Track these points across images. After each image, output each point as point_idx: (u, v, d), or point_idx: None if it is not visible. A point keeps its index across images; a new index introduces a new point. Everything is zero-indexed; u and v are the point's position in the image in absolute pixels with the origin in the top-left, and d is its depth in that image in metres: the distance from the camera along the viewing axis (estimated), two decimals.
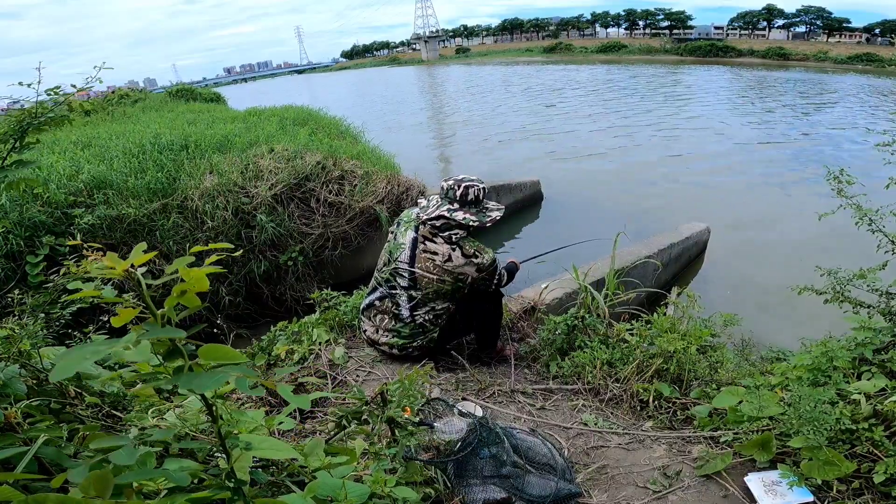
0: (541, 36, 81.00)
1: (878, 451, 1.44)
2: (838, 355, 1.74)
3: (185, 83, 16.26)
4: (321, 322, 2.71)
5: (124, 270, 0.60)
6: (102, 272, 0.60)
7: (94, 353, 0.53)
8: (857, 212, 2.02)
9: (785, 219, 6.83)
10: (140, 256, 0.63)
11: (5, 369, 1.02)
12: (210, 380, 0.60)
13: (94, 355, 0.53)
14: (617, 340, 2.36)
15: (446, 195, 2.36)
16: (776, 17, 54.90)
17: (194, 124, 7.05)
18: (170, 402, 1.17)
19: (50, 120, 1.15)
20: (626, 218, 6.58)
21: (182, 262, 0.62)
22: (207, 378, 0.60)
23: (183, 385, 0.60)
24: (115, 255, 0.62)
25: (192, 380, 0.60)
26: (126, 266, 0.61)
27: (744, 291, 4.98)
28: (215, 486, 0.73)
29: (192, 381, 0.60)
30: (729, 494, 1.56)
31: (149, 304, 0.62)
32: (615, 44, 60.01)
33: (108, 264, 0.61)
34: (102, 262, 0.61)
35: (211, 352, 0.63)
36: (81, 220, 4.03)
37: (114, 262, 0.61)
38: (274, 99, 13.06)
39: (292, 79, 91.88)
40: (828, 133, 12.23)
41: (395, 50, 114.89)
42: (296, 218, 5.01)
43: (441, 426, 1.54)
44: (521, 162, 10.55)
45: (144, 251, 0.64)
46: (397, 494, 1.06)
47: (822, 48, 43.82)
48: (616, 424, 2.00)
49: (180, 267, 0.61)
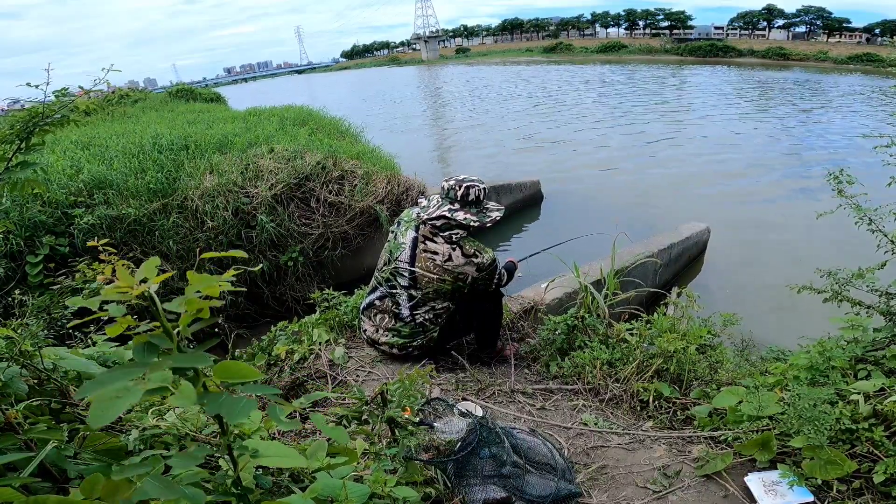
0: (541, 36, 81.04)
1: (878, 451, 1.44)
2: (835, 355, 1.74)
3: (185, 83, 16.25)
4: (321, 322, 2.71)
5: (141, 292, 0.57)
6: (117, 295, 0.56)
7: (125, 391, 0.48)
8: (857, 211, 2.02)
9: (785, 218, 6.83)
10: (153, 274, 0.59)
11: (6, 369, 1.02)
12: (238, 406, 0.57)
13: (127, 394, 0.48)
14: (617, 340, 2.36)
15: (447, 195, 2.36)
16: (776, 17, 54.94)
17: (194, 124, 7.06)
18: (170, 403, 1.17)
19: (56, 121, 1.15)
20: (627, 218, 6.60)
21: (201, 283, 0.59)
22: (235, 404, 0.57)
23: (210, 410, 0.57)
24: (128, 273, 0.58)
25: (219, 405, 0.57)
26: (144, 289, 0.57)
27: (743, 291, 4.98)
28: (220, 491, 0.73)
29: (220, 407, 0.57)
30: (729, 494, 1.56)
31: (165, 326, 0.59)
32: (615, 44, 60.02)
33: (124, 286, 0.57)
34: (116, 283, 0.57)
35: (226, 370, 0.60)
36: (81, 220, 4.03)
37: (128, 281, 0.57)
38: (274, 99, 13.06)
39: (292, 79, 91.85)
40: (828, 133, 12.23)
41: (395, 50, 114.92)
42: (296, 218, 5.01)
43: (441, 426, 1.54)
44: (522, 162, 10.55)
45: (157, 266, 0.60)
46: (397, 494, 1.07)
47: (822, 48, 43.84)
48: (616, 424, 2.00)
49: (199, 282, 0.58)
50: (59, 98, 1.18)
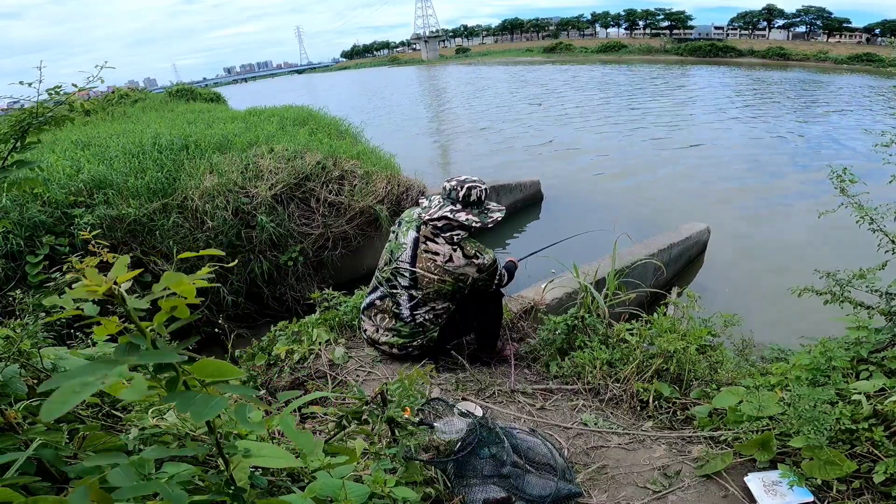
0: (541, 36, 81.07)
1: (878, 451, 1.44)
2: (836, 355, 1.74)
3: (185, 83, 16.24)
4: (321, 322, 2.71)
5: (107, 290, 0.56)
6: (83, 294, 0.56)
7: (84, 385, 0.48)
8: (858, 211, 2.02)
9: (785, 218, 6.83)
10: (123, 272, 0.58)
11: (5, 369, 1.02)
12: (208, 405, 0.56)
13: (84, 388, 0.48)
14: (617, 340, 2.36)
15: (448, 196, 2.36)
16: (776, 17, 54.94)
17: (194, 124, 7.05)
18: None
19: (51, 120, 1.15)
20: (627, 218, 6.60)
21: (171, 280, 0.58)
22: (205, 402, 0.57)
23: (181, 408, 0.57)
24: (96, 272, 0.57)
25: (189, 403, 0.57)
26: (108, 286, 0.56)
27: (744, 291, 4.98)
28: (214, 490, 0.73)
29: (190, 405, 0.57)
30: (729, 494, 1.56)
31: (137, 324, 0.58)
32: (615, 44, 60.05)
33: (90, 284, 0.56)
34: (83, 282, 0.56)
35: (204, 368, 0.59)
36: (81, 219, 4.03)
37: (95, 280, 0.56)
38: (274, 99, 13.06)
39: (292, 79, 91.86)
40: (829, 133, 12.23)
41: (395, 50, 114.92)
42: (296, 218, 5.01)
43: (441, 426, 1.54)
44: (522, 162, 10.55)
45: (128, 265, 0.60)
46: (397, 494, 1.06)
47: (823, 48, 43.87)
48: (616, 424, 2.00)
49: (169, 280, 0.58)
50: (53, 96, 1.18)
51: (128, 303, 0.58)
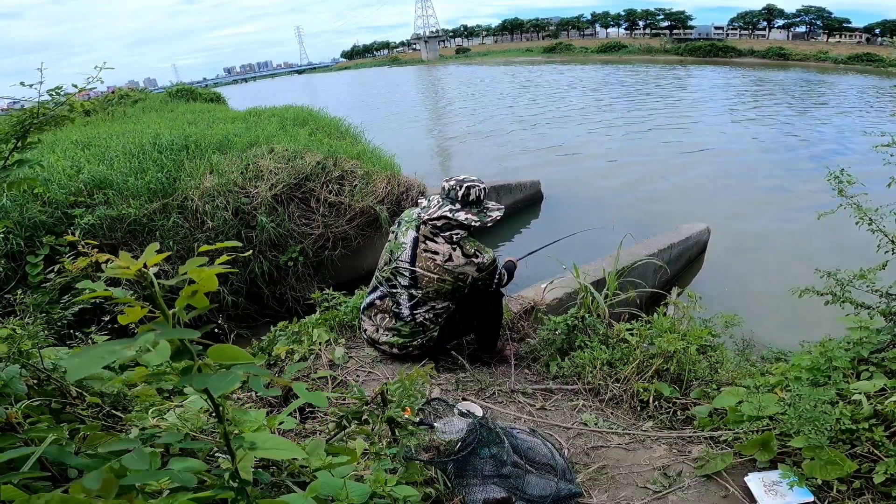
0: (541, 36, 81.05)
1: (879, 451, 1.44)
2: (837, 355, 1.74)
3: (186, 83, 16.24)
4: (321, 322, 2.71)
5: (137, 270, 0.60)
6: (116, 272, 0.60)
7: (111, 353, 0.52)
8: (857, 211, 2.02)
9: (786, 219, 6.83)
10: (152, 257, 0.63)
11: (6, 369, 1.02)
12: (224, 380, 0.60)
13: (110, 355, 0.51)
14: (617, 340, 2.36)
15: (448, 195, 2.36)
16: (776, 17, 54.93)
17: (194, 124, 7.05)
18: (170, 402, 1.17)
19: (51, 120, 1.15)
20: (627, 218, 6.60)
21: (195, 263, 0.61)
22: (221, 378, 0.60)
23: (197, 385, 0.60)
24: (128, 255, 0.61)
25: (206, 380, 0.60)
26: (139, 266, 0.60)
27: (744, 291, 4.98)
28: (218, 485, 0.73)
29: (206, 381, 0.60)
30: (729, 494, 1.56)
31: (160, 305, 0.62)
32: (615, 44, 60.05)
33: (122, 264, 0.60)
34: (116, 262, 0.61)
35: (220, 352, 0.63)
36: (81, 220, 4.03)
37: (127, 261, 0.60)
38: (274, 99, 13.06)
39: (292, 79, 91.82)
40: (829, 133, 12.22)
41: (395, 50, 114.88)
42: (296, 218, 5.01)
43: (441, 426, 1.54)
44: (522, 162, 10.55)
45: (157, 251, 0.64)
46: (398, 493, 1.07)
47: (823, 48, 43.87)
48: (616, 424, 2.00)
49: (190, 268, 0.61)
50: (54, 96, 1.18)
51: (155, 285, 0.61)
